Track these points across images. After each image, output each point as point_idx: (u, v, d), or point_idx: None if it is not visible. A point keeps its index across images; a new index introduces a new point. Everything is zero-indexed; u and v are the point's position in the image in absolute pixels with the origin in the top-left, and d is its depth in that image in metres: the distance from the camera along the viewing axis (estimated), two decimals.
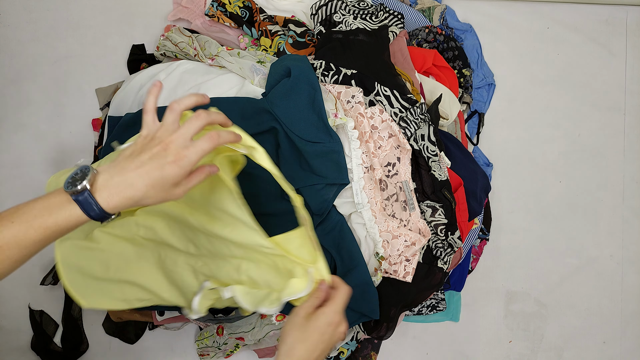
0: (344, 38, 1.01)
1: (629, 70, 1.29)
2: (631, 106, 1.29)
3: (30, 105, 1.16)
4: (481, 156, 1.24)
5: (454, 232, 0.94)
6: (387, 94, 0.94)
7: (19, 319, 1.15)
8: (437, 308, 1.13)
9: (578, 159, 1.28)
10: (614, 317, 1.27)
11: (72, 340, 1.14)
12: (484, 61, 1.26)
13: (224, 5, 1.11)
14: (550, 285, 1.26)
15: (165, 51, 1.08)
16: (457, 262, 1.07)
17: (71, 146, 1.16)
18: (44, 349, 1.13)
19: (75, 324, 1.14)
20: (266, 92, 0.94)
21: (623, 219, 1.28)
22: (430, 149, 0.94)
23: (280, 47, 1.06)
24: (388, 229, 0.91)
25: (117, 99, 1.06)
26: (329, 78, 0.96)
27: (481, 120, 1.25)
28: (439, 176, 0.93)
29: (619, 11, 1.29)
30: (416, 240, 0.89)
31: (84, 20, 1.18)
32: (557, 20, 1.28)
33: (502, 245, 1.26)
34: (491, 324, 1.25)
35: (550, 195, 1.27)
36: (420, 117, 0.93)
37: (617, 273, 1.28)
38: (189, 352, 1.16)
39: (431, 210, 0.93)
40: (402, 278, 0.90)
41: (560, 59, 1.29)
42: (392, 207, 0.92)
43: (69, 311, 1.13)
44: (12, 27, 1.16)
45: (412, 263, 0.90)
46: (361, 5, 1.11)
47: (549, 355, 1.26)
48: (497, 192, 1.26)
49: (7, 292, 1.15)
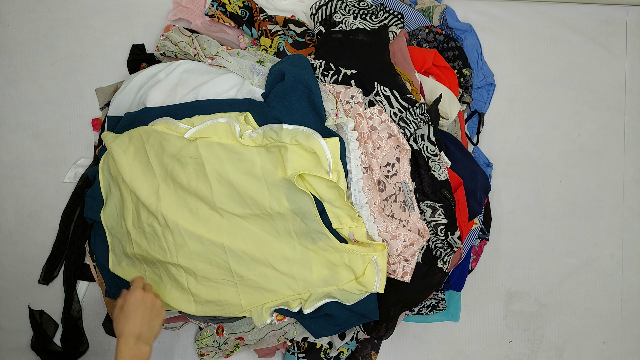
0: (343, 38, 1.01)
1: (629, 70, 1.29)
2: (631, 106, 1.29)
3: (30, 105, 1.16)
4: (481, 156, 1.24)
5: (454, 232, 0.94)
6: (386, 94, 0.94)
7: (19, 319, 1.15)
8: (437, 308, 1.13)
9: (578, 159, 1.28)
10: (614, 317, 1.27)
11: (72, 340, 1.14)
12: (484, 61, 1.26)
13: (224, 5, 1.11)
14: (550, 285, 1.26)
15: (165, 51, 1.08)
16: (457, 262, 1.07)
17: (71, 146, 1.16)
18: (44, 349, 1.13)
19: (75, 324, 1.14)
20: (265, 94, 0.94)
21: (623, 219, 1.28)
22: (430, 149, 0.94)
23: (280, 47, 1.06)
24: (387, 229, 0.91)
25: (117, 99, 1.06)
26: (328, 78, 0.96)
27: (481, 120, 1.25)
28: (439, 176, 0.93)
29: (619, 11, 1.29)
30: (415, 241, 0.89)
31: (84, 20, 1.18)
32: (557, 20, 1.28)
33: (502, 245, 1.26)
34: (491, 324, 1.25)
35: (550, 195, 1.27)
36: (420, 117, 0.93)
37: (617, 273, 1.28)
38: (189, 352, 1.16)
39: (431, 210, 0.93)
40: (401, 278, 0.90)
41: (560, 59, 1.28)
42: (390, 207, 0.92)
43: (69, 311, 1.13)
44: (12, 27, 1.16)
45: (410, 263, 0.90)
46: (361, 5, 1.11)
47: (549, 355, 1.26)
48: (497, 192, 1.26)
49: (7, 292, 1.15)
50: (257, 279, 0.94)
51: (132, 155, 0.95)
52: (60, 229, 1.14)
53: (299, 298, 0.94)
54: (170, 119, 0.94)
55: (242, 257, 0.93)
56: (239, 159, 0.90)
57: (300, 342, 1.11)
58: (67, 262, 1.13)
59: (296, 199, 0.88)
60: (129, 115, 1.01)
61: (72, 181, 1.15)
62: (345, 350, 1.12)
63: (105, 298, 1.08)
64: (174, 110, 0.96)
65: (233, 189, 0.90)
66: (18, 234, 1.15)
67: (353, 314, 0.93)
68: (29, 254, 1.15)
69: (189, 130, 0.92)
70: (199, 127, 0.92)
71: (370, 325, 0.99)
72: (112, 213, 1.00)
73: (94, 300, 1.15)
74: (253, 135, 0.90)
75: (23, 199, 1.15)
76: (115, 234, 1.01)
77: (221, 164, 0.90)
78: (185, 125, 0.93)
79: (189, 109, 0.95)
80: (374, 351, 1.16)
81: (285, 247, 0.92)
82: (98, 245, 1.06)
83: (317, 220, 0.88)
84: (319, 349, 1.11)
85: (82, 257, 1.14)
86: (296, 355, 1.11)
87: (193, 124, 0.93)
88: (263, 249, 0.92)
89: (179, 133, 0.92)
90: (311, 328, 0.97)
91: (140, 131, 0.94)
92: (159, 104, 0.98)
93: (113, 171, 0.98)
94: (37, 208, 1.15)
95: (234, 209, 0.91)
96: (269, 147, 0.88)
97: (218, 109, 0.94)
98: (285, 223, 0.91)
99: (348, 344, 1.12)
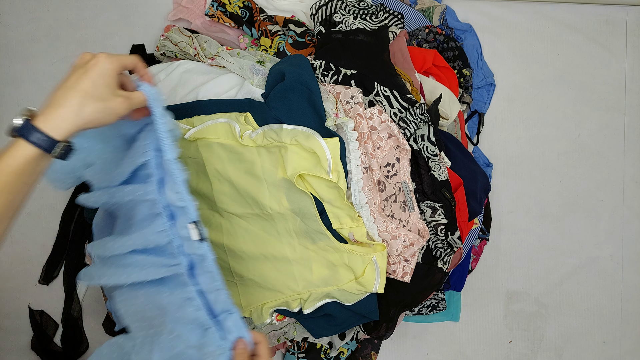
0: (343, 38, 1.01)
1: (629, 70, 1.29)
2: (631, 106, 1.29)
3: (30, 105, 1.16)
4: (481, 156, 1.24)
5: (454, 232, 0.94)
6: (386, 94, 0.94)
7: (19, 319, 1.15)
8: (437, 308, 1.13)
9: (578, 159, 1.28)
10: (614, 317, 1.27)
11: (72, 340, 1.14)
12: (484, 61, 1.26)
13: (224, 5, 1.11)
14: (550, 285, 1.26)
15: (165, 51, 1.08)
16: (457, 262, 1.07)
17: None
18: (44, 349, 1.13)
19: (75, 324, 1.14)
20: (265, 94, 0.94)
21: (623, 219, 1.28)
22: (430, 149, 0.94)
23: (280, 47, 1.06)
24: (387, 229, 0.91)
25: None
26: (328, 78, 0.96)
27: (481, 120, 1.25)
28: (439, 176, 0.93)
29: (619, 11, 1.29)
30: (415, 241, 0.89)
31: (84, 20, 1.18)
32: (557, 20, 1.28)
33: (502, 245, 1.26)
34: (491, 324, 1.25)
35: (550, 195, 1.27)
36: (420, 117, 0.93)
37: (617, 273, 1.28)
38: None
39: (431, 210, 0.93)
40: (400, 278, 0.90)
41: (560, 59, 1.28)
42: (390, 207, 0.92)
43: (69, 311, 1.13)
44: (12, 27, 1.16)
45: (410, 263, 0.90)
46: (361, 5, 1.11)
47: (549, 355, 1.26)
48: (497, 192, 1.26)
49: (7, 292, 1.15)
50: (257, 279, 0.94)
51: None
52: (60, 229, 1.14)
53: (299, 298, 0.94)
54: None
55: (242, 257, 0.93)
56: (239, 159, 0.90)
57: (300, 342, 1.11)
58: (67, 262, 1.13)
59: (296, 199, 0.88)
60: None
61: None
62: (346, 350, 1.12)
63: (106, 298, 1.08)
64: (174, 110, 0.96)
65: (233, 189, 0.90)
66: (18, 234, 1.15)
67: (353, 314, 0.93)
68: (29, 254, 1.15)
69: (189, 131, 0.92)
70: (199, 127, 0.92)
71: (370, 325, 0.99)
72: None
73: (94, 300, 1.15)
74: (253, 135, 0.90)
75: None
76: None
77: (222, 164, 0.90)
78: (185, 126, 0.93)
79: (188, 109, 0.95)
80: (374, 351, 1.16)
81: (285, 247, 0.92)
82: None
83: (317, 220, 0.88)
84: (319, 349, 1.11)
85: (82, 257, 1.14)
86: (296, 355, 1.12)
87: (193, 125, 0.93)
88: (263, 249, 0.92)
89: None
90: (311, 328, 0.97)
91: None
92: None
93: None
94: (37, 208, 1.15)
95: (234, 209, 0.91)
96: (269, 147, 0.88)
97: (218, 109, 0.94)
98: (285, 223, 0.91)
99: (348, 344, 1.12)
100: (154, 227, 0.65)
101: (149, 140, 0.67)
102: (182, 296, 0.66)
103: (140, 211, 0.68)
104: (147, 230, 0.66)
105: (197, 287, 0.66)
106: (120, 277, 0.66)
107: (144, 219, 0.67)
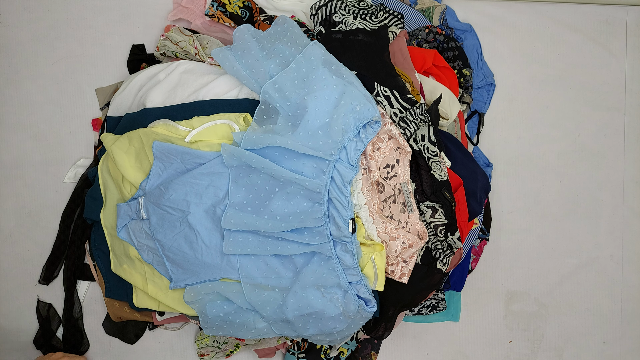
0: (343, 38, 1.01)
1: (629, 70, 1.29)
2: (631, 106, 1.29)
3: (30, 105, 1.16)
4: (481, 156, 1.24)
5: (454, 233, 0.94)
6: (386, 94, 0.94)
7: (19, 319, 1.15)
8: (437, 308, 1.14)
9: (578, 159, 1.28)
10: (614, 317, 1.27)
11: (72, 340, 1.14)
12: (484, 61, 1.26)
13: (224, 5, 1.11)
14: (550, 285, 1.26)
15: (165, 51, 1.08)
16: (456, 263, 1.07)
17: (71, 146, 1.16)
18: (46, 344, 1.13)
19: (75, 323, 1.14)
20: None
21: (623, 219, 1.28)
22: (430, 149, 0.94)
23: None
24: (386, 230, 0.91)
25: (116, 99, 1.06)
26: None
27: (481, 120, 1.25)
28: (439, 177, 0.93)
29: (619, 11, 1.29)
30: (414, 242, 0.89)
31: (84, 20, 1.18)
32: (557, 20, 1.28)
33: (502, 245, 1.26)
34: (491, 324, 1.25)
35: (550, 195, 1.27)
36: (420, 117, 0.93)
37: (617, 273, 1.28)
38: (189, 352, 1.16)
39: (431, 210, 0.93)
40: (398, 279, 0.90)
41: (560, 59, 1.28)
42: (390, 208, 0.92)
43: (69, 311, 1.13)
44: (12, 27, 1.16)
45: (409, 265, 0.90)
46: (361, 5, 1.11)
47: (549, 355, 1.26)
48: (497, 192, 1.26)
49: (7, 292, 1.15)
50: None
51: (134, 157, 0.95)
52: (60, 229, 1.14)
53: None
54: (170, 121, 0.94)
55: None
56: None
57: (301, 342, 1.11)
58: (67, 262, 1.13)
59: None
60: (129, 116, 1.01)
61: (72, 181, 1.15)
62: (345, 350, 1.13)
63: (105, 298, 1.08)
64: (173, 111, 0.96)
65: None
66: (18, 234, 1.15)
67: None
68: (29, 254, 1.15)
69: (189, 134, 0.92)
70: (199, 129, 0.92)
71: (369, 325, 0.99)
72: (112, 213, 1.00)
73: (94, 300, 1.16)
74: None
75: (23, 199, 1.15)
76: (116, 235, 1.01)
77: None
78: (184, 128, 0.93)
79: (188, 110, 0.95)
80: (374, 351, 1.16)
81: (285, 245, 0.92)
82: (98, 245, 1.06)
83: None
84: (319, 349, 1.11)
85: (82, 257, 1.14)
86: (296, 355, 1.12)
87: (192, 126, 0.93)
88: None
89: (178, 135, 0.92)
90: None
91: (140, 133, 0.94)
92: (159, 104, 0.98)
93: (113, 172, 0.98)
94: (37, 208, 1.15)
95: None
96: None
97: (217, 110, 0.94)
98: None
99: (348, 344, 1.12)
100: (314, 212, 0.84)
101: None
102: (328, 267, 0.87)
103: (294, 193, 0.85)
104: (306, 216, 0.84)
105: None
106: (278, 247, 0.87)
107: (300, 202, 0.85)
